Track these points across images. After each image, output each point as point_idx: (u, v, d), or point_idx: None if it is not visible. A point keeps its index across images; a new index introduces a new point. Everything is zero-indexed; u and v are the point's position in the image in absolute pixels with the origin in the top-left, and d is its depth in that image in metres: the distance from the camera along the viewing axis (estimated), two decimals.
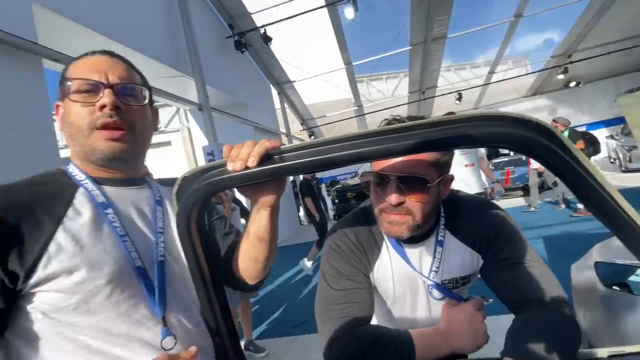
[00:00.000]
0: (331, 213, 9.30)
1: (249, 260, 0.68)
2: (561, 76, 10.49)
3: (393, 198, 0.65)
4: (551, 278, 0.68)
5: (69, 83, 0.60)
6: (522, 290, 0.68)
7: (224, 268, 0.71)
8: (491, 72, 11.33)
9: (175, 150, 16.10)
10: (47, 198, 0.56)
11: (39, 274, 0.50)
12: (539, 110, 13.00)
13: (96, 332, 0.54)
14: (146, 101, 0.67)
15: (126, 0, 3.85)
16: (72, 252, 0.53)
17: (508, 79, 11.26)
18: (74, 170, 0.63)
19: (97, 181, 0.62)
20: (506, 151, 8.32)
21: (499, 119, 0.42)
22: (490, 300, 0.76)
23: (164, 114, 16.29)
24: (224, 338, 0.67)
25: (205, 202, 0.56)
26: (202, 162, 5.77)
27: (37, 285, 0.51)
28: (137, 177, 0.69)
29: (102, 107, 0.59)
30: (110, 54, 0.65)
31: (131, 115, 0.63)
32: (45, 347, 0.52)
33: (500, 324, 0.83)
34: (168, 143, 16.14)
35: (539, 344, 0.60)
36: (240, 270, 0.70)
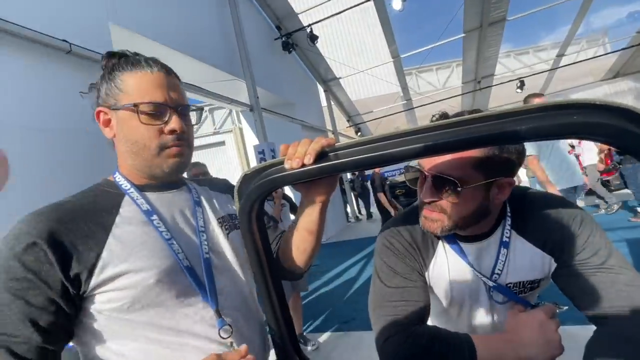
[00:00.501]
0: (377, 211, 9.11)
1: (297, 251, 0.73)
2: None
3: (424, 195, 0.66)
4: None
5: (123, 96, 0.63)
6: (606, 299, 0.60)
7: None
8: (560, 55, 10.11)
9: (229, 149, 17.11)
10: (97, 209, 0.60)
11: (96, 278, 0.55)
12: (622, 95, 11.35)
13: (151, 326, 0.58)
14: (194, 120, 0.71)
15: (187, 14, 4.17)
16: (123, 257, 0.57)
17: (582, 61, 9.94)
18: (120, 179, 0.67)
19: (140, 188, 0.66)
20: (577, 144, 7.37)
21: (584, 106, 0.38)
22: (565, 308, 0.68)
23: (217, 116, 17.43)
24: (281, 327, 0.70)
25: (265, 198, 0.59)
26: (253, 160, 6.06)
27: (95, 288, 0.55)
28: (175, 181, 0.72)
29: (172, 131, 0.63)
30: (165, 68, 0.67)
31: (189, 134, 0.68)
32: (109, 338, 0.58)
33: (571, 334, 0.74)
34: (222, 143, 17.25)
35: None
36: (289, 260, 0.74)
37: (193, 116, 0.72)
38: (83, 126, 2.45)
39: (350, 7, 6.81)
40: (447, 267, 0.73)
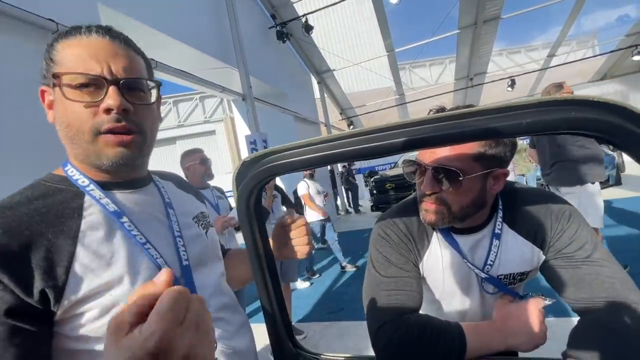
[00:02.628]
0: (368, 204, 9.20)
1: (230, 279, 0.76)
2: (637, 57, 9.21)
3: (426, 187, 0.67)
4: (626, 280, 0.62)
5: (57, 70, 0.51)
6: (590, 290, 0.63)
7: None
8: (551, 55, 10.28)
9: (219, 139, 16.88)
10: (55, 214, 0.49)
11: (68, 299, 0.46)
12: (608, 96, 11.45)
13: None
14: (154, 98, 0.58)
15: None
16: (99, 269, 0.48)
17: (571, 62, 10.13)
18: (74, 173, 0.55)
19: (102, 185, 0.56)
20: None
21: (582, 103, 0.39)
22: (551, 301, 0.71)
23: (208, 105, 17.14)
24: (275, 313, 0.71)
25: (264, 185, 0.59)
26: (244, 150, 6.00)
27: (68, 311, 0.46)
28: (141, 178, 0.63)
29: (107, 110, 0.51)
30: (111, 34, 0.54)
31: (140, 115, 0.55)
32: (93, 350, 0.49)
33: (551, 326, 0.78)
34: (212, 132, 17.02)
35: (609, 350, 0.55)
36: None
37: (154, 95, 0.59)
38: None
39: None
40: (441, 258, 0.75)
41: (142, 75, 0.57)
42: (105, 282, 0.48)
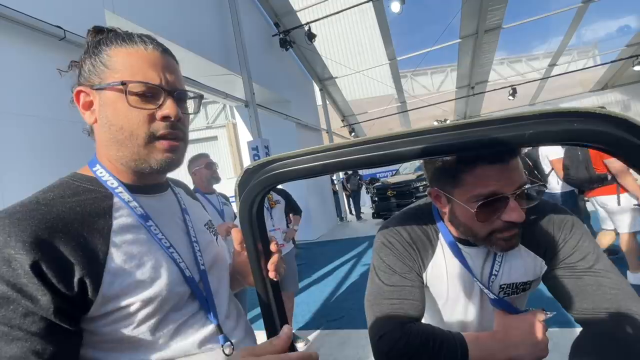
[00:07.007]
0: (370, 211, 9.19)
1: None
2: (638, 67, 9.26)
3: (522, 217, 0.59)
4: (629, 291, 0.62)
5: (110, 73, 0.53)
6: (592, 301, 0.62)
7: None
8: (552, 65, 10.34)
9: (221, 145, 16.95)
10: (87, 213, 0.50)
11: (102, 297, 0.47)
12: (609, 106, 11.71)
13: (160, 345, 0.52)
14: (191, 109, 0.63)
15: (184, 5, 4.12)
16: (130, 269, 0.50)
17: (572, 71, 10.19)
18: (103, 174, 0.57)
19: (129, 189, 0.57)
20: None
21: (584, 114, 0.39)
22: (552, 314, 0.70)
23: (210, 110, 17.24)
24: (275, 319, 0.70)
25: (267, 193, 0.59)
26: (246, 156, 6.02)
27: (100, 308, 0.47)
28: (162, 183, 0.66)
29: (165, 117, 0.54)
30: (163, 48, 0.59)
31: (185, 124, 0.60)
32: (118, 354, 0.51)
33: (554, 337, 0.76)
34: (214, 138, 17.10)
35: None
36: None
37: (190, 105, 0.63)
38: (78, 118, 2.39)
39: (349, 8, 6.82)
40: (445, 268, 0.75)
41: (184, 87, 0.60)
42: (135, 281, 0.50)
